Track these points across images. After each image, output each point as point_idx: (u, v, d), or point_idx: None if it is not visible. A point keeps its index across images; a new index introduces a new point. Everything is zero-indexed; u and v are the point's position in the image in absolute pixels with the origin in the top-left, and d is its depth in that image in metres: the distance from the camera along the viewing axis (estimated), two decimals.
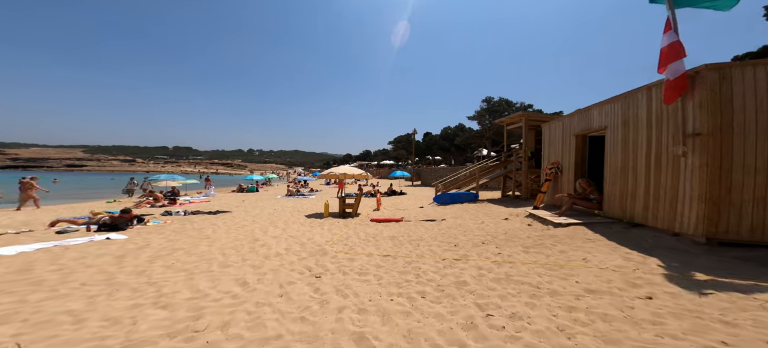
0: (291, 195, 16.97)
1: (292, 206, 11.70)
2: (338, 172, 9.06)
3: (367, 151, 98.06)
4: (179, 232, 6.18)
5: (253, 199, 15.06)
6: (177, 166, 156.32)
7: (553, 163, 7.59)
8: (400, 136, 62.95)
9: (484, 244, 4.83)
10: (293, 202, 13.68)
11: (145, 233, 5.94)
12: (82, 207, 11.46)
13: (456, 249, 4.67)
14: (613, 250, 4.02)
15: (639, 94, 4.86)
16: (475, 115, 25.04)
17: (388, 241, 5.44)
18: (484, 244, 4.84)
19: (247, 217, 8.48)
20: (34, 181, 10.94)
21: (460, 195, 11.58)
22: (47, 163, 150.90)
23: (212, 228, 6.72)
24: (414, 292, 3.04)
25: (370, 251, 4.72)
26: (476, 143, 27.96)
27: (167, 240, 5.36)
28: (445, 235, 5.80)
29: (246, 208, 10.97)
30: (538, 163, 11.20)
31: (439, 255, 4.37)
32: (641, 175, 4.71)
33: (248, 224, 7.32)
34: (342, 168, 9.38)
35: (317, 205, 12.39)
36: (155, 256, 4.30)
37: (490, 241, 5.00)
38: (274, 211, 9.94)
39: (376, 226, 7.19)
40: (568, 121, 7.05)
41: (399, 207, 11.56)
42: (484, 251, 4.42)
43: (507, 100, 24.29)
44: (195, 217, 8.30)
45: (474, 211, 9.13)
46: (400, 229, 6.61)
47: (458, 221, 7.35)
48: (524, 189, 10.61)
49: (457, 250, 4.61)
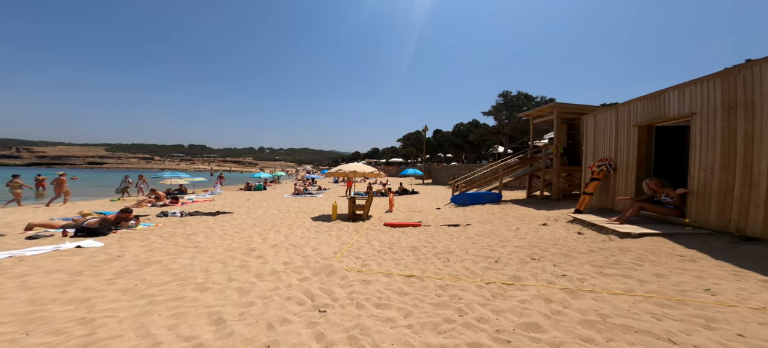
0: (298, 194, 16.22)
1: (298, 206, 10.88)
2: (348, 170, 8.12)
3: (375, 149, 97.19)
4: (166, 237, 5.39)
5: (258, 198, 14.38)
6: (191, 164, 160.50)
7: (603, 159, 6.38)
8: (410, 134, 61.65)
9: (535, 261, 3.76)
10: (300, 201, 12.88)
11: (128, 239, 5.17)
12: (91, 204, 11.04)
13: (499, 267, 3.63)
14: (739, 276, 2.88)
15: (758, 67, 3.59)
16: (491, 110, 23.58)
17: (409, 253, 4.45)
18: (534, 261, 3.77)
19: (248, 220, 7.67)
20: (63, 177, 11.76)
21: (481, 195, 10.45)
22: (70, 160, 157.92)
23: (206, 233, 5.92)
24: (463, 343, 2.04)
25: (389, 269, 3.74)
26: (492, 140, 26.45)
27: (147, 249, 4.55)
28: (478, 245, 4.75)
29: (249, 208, 10.21)
30: (572, 160, 9.92)
31: (480, 276, 3.34)
32: (763, 176, 3.49)
33: (247, 228, 6.49)
34: (352, 166, 8.44)
35: (325, 205, 11.52)
36: (121, 272, 3.47)
37: (542, 256, 3.92)
38: (278, 213, 9.12)
39: (391, 232, 6.21)
40: (626, 111, 5.81)
41: (413, 208, 10.54)
42: (539, 271, 3.35)
43: (526, 93, 22.67)
44: (191, 219, 7.55)
45: (501, 214, 8.01)
46: (420, 237, 5.60)
47: (487, 227, 6.27)
48: (555, 189, 9.38)
49: (502, 268, 3.56)
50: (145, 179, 14.97)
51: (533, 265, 3.62)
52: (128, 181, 14.65)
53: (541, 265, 3.57)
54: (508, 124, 22.01)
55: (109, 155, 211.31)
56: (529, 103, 22.00)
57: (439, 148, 32.55)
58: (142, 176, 15.26)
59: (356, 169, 8.21)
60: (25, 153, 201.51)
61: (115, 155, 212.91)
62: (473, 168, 21.61)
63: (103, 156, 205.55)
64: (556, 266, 3.49)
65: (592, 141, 6.99)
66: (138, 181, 15.05)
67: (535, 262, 3.74)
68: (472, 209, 9.25)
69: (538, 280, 3.12)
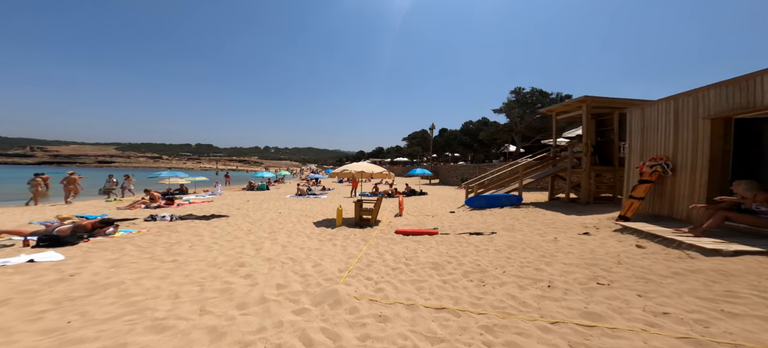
0: (301, 194, 15.48)
1: (300, 209, 10.09)
2: (355, 169, 7.29)
3: (379, 148, 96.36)
4: (144, 248, 4.63)
5: (259, 198, 13.67)
6: (197, 163, 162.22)
7: (656, 158, 5.41)
8: (415, 132, 60.67)
9: (605, 287, 2.86)
10: (302, 203, 12.11)
11: (98, 250, 4.42)
12: (93, 204, 10.45)
13: (556, 295, 2.74)
14: None
15: None
16: (503, 108, 22.48)
17: (431, 271, 3.59)
18: (603, 287, 2.86)
19: (244, 225, 6.90)
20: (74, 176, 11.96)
21: (499, 197, 9.53)
22: (80, 159, 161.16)
23: (192, 242, 5.14)
24: None
25: (410, 296, 2.89)
26: (503, 138, 25.33)
27: (114, 264, 3.78)
28: (515, 261, 3.86)
29: (247, 210, 9.46)
30: (603, 160, 8.92)
31: (537, 310, 2.47)
32: None
33: (241, 236, 5.71)
34: (359, 165, 7.61)
35: (329, 207, 10.72)
36: (62, 300, 2.68)
37: (611, 280, 3.00)
38: (279, 216, 8.34)
39: (404, 241, 5.36)
40: (690, 101, 4.81)
41: (424, 211, 9.67)
42: (621, 305, 2.45)
43: (541, 90, 21.46)
44: (181, 224, 6.81)
45: (526, 219, 7.08)
46: (439, 248, 4.74)
47: (518, 236, 5.36)
48: (585, 192, 8.40)
49: (561, 297, 2.68)
50: (131, 179, 13.95)
51: (605, 293, 2.72)
52: (112, 182, 13.47)
53: (618, 294, 2.67)
54: (522, 121, 20.90)
55: (118, 154, 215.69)
56: (545, 99, 20.86)
57: (446, 147, 31.51)
58: (128, 176, 14.16)
59: (363, 169, 7.38)
60: (39, 152, 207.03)
61: (124, 154, 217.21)
62: (484, 168, 20.60)
63: (113, 155, 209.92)
64: (641, 296, 2.59)
65: (639, 137, 6.00)
66: (123, 181, 13.83)
67: (606, 288, 2.83)
68: (491, 213, 8.34)
69: (629, 319, 2.22)
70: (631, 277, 3.04)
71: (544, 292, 2.82)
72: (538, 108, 21.12)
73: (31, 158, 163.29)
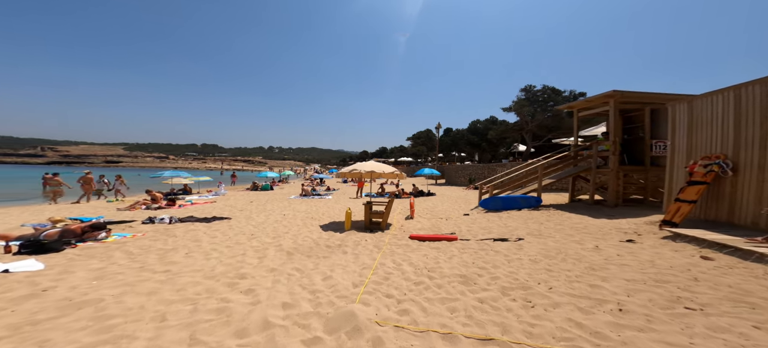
0: (305, 195, 15.03)
1: (306, 210, 9.62)
2: (365, 169, 6.78)
3: (383, 148, 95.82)
4: (135, 255, 4.17)
5: (263, 199, 13.25)
6: (203, 163, 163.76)
7: (711, 157, 4.79)
8: (420, 132, 60.00)
9: (695, 312, 2.29)
10: (307, 204, 11.65)
11: (86, 257, 3.98)
12: (92, 205, 10.15)
13: (638, 323, 2.18)
14: None
15: None
16: (513, 106, 21.74)
17: (461, 287, 3.06)
18: (693, 311, 2.29)
19: (246, 228, 6.44)
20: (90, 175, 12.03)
21: (516, 199, 8.94)
22: (89, 159, 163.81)
23: (189, 248, 4.68)
24: None
25: (444, 321, 2.37)
26: (512, 137, 24.58)
27: (98, 275, 3.33)
28: (557, 273, 3.31)
29: (251, 212, 9.02)
30: (631, 159, 8.27)
31: (619, 341, 1.92)
32: None
33: (243, 241, 5.24)
34: (369, 164, 7.10)
35: (334, 208, 10.24)
36: (22, 323, 2.21)
37: (704, 304, 2.42)
38: (283, 218, 7.87)
39: (421, 248, 4.83)
40: (759, 90, 4.15)
41: (435, 213, 9.13)
42: (742, 344, 1.89)
43: (553, 87, 20.66)
44: (180, 227, 6.37)
45: (549, 223, 6.49)
46: (463, 256, 4.20)
47: (550, 243, 4.80)
48: (613, 193, 7.76)
49: (646, 326, 2.12)
50: (123, 180, 13.17)
51: (703, 321, 2.15)
52: (104, 183, 12.70)
53: (723, 324, 2.10)
54: (533, 120, 20.17)
55: (126, 154, 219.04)
56: (557, 97, 20.10)
57: (453, 146, 30.86)
58: (119, 176, 13.28)
59: (373, 168, 6.87)
60: (50, 152, 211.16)
61: (132, 154, 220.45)
62: (493, 168, 19.92)
63: (121, 155, 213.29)
64: (759, 328, 2.02)
65: (685, 134, 5.36)
66: (115, 182, 12.83)
67: (700, 314, 2.26)
68: (509, 216, 7.76)
69: None
70: (724, 299, 2.47)
71: (618, 318, 2.27)
72: (550, 106, 20.40)
73: (42, 158, 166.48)
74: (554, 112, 19.48)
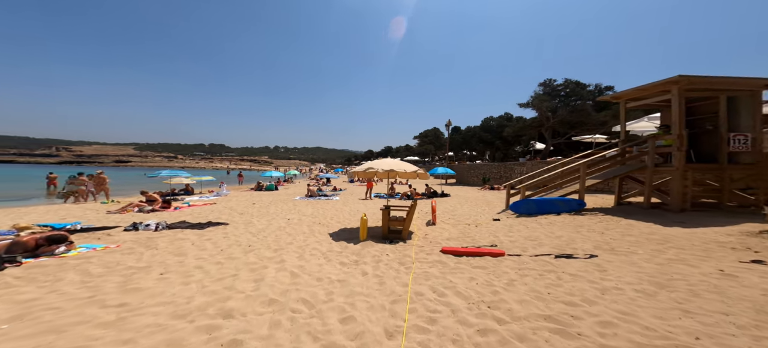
0: (311, 196, 14.06)
1: (312, 214, 8.62)
2: (383, 168, 5.72)
3: (388, 147, 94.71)
4: (91, 279, 3.19)
5: (266, 200, 12.33)
6: (210, 162, 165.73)
7: None
8: (427, 130, 58.67)
9: None
10: (313, 206, 10.66)
11: (23, 282, 3.02)
12: (77, 209, 9.37)
13: None
14: None
15: None
16: (531, 101, 20.36)
17: (564, 342, 1.97)
18: None
19: (244, 237, 5.44)
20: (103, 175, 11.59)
21: (553, 202, 7.77)
22: (100, 159, 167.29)
23: (167, 265, 3.70)
24: None
25: None
26: (529, 134, 23.16)
27: (23, 310, 2.35)
28: (707, 318, 2.19)
29: (251, 216, 8.06)
30: (701, 156, 6.98)
31: None
32: None
33: (238, 255, 4.24)
34: (386, 162, 6.02)
35: (343, 211, 9.21)
36: None
37: None
38: (287, 224, 6.87)
39: (461, 266, 3.75)
40: None
41: (457, 217, 8.04)
42: None
43: (576, 81, 19.15)
44: (166, 236, 5.41)
45: (611, 232, 5.32)
46: (527, 282, 3.11)
47: (640, 262, 3.66)
48: (678, 195, 6.52)
49: None
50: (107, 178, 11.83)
51: None
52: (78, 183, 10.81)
53: None
54: (555, 115, 18.76)
55: (136, 154, 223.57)
56: (582, 90, 18.65)
57: (464, 144, 29.59)
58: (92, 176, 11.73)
59: (393, 167, 5.80)
60: (64, 152, 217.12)
61: (142, 154, 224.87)
62: (510, 167, 18.63)
63: (130, 154, 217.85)
64: None
65: None
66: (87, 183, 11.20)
67: None
68: (549, 222, 6.61)
69: None
70: None
71: None
72: (573, 101, 18.97)
73: (56, 158, 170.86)
74: (578, 108, 18.06)
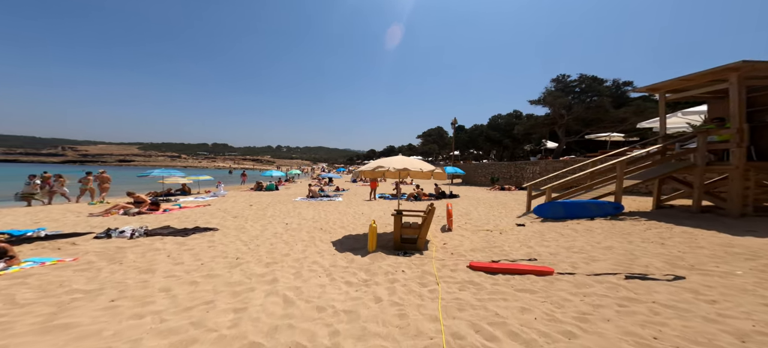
0: (312, 197, 13.26)
1: (313, 217, 7.79)
2: (394, 166, 4.88)
3: (390, 147, 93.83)
4: (13, 308, 2.40)
5: (265, 201, 11.55)
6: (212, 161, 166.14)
7: None
8: (431, 129, 57.69)
9: None
10: (315, 208, 9.84)
11: None
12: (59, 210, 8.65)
13: None
14: None
15: None
16: (545, 98, 19.35)
17: None
18: None
19: (232, 246, 4.62)
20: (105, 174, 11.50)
21: (584, 205, 6.88)
22: (103, 158, 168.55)
23: (123, 287, 2.89)
24: None
25: None
26: (540, 132, 22.13)
27: None
28: None
29: (246, 219, 7.26)
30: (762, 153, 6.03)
31: None
32: None
33: (220, 272, 3.42)
34: (399, 160, 5.17)
35: (347, 214, 8.38)
36: None
37: None
38: (285, 230, 6.06)
39: (501, 289, 2.89)
40: None
41: (474, 221, 7.20)
42: None
43: (593, 76, 18.04)
44: (139, 246, 4.60)
45: (673, 240, 4.42)
46: (606, 315, 2.25)
47: (743, 286, 2.77)
48: (737, 198, 5.59)
49: None
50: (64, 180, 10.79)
51: None
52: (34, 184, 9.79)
53: None
54: (570, 112, 17.74)
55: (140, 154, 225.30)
56: (599, 86, 17.59)
57: (470, 143, 28.62)
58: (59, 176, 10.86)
59: (407, 166, 4.95)
60: (70, 151, 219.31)
61: (145, 153, 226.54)
62: (521, 166, 17.68)
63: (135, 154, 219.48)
64: None
65: None
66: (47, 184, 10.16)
67: None
68: (585, 228, 5.73)
69: None
70: None
71: None
72: (588, 97, 17.93)
73: (62, 157, 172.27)
74: (595, 104, 17.03)
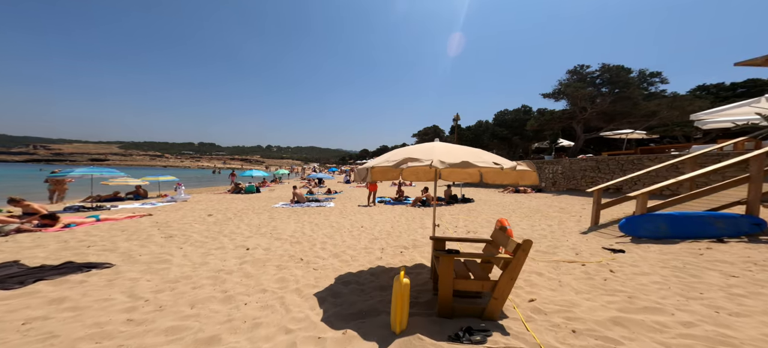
0: (298, 202, 10.57)
1: (293, 235, 5.13)
2: (440, 158, 2.35)
3: (383, 147, 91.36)
4: None
5: (235, 208, 8.80)
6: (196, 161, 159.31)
7: None
8: (427, 128, 55.47)
9: None
10: (298, 217, 7.20)
11: None
12: None
13: None
14: None
15: None
16: (561, 90, 17.32)
17: None
18: None
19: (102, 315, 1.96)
20: None
21: (703, 220, 4.60)
22: (73, 157, 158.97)
23: None
24: None
25: None
26: (552, 129, 20.10)
27: None
28: None
29: (185, 241, 4.54)
30: None
31: None
32: None
33: None
34: (446, 149, 2.64)
35: (342, 229, 5.75)
36: None
37: None
38: (240, 263, 3.39)
39: None
40: None
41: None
42: None
43: (620, 66, 15.94)
44: None
45: None
46: None
47: None
48: None
49: None
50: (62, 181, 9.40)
51: None
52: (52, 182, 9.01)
53: None
54: (593, 106, 15.70)
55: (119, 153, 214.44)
56: (626, 75, 15.63)
57: (475, 141, 26.51)
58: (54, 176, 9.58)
59: (469, 157, 2.43)
60: (42, 150, 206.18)
61: (126, 153, 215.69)
62: (540, 166, 15.49)
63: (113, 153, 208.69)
64: None
65: None
66: None
67: None
68: (723, 256, 3.38)
69: None
70: None
71: None
72: (615, 89, 15.87)
73: (30, 156, 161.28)
74: (625, 95, 15.01)
